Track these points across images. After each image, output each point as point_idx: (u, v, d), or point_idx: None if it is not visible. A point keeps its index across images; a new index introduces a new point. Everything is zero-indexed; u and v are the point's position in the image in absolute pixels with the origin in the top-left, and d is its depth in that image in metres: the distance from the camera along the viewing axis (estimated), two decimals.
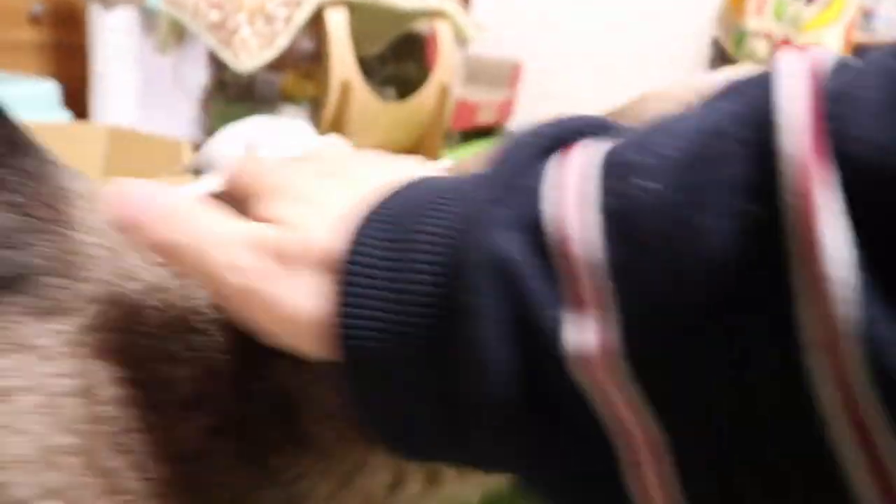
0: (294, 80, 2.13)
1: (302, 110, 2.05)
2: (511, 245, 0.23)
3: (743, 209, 0.20)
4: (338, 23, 1.86)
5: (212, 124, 2.05)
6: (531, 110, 3.66)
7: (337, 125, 1.94)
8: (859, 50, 2.28)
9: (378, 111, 2.01)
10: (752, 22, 2.76)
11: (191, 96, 2.14)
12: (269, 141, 1.44)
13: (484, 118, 3.19)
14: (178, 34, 2.04)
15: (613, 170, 0.23)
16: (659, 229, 0.21)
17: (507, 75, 3.51)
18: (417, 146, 2.29)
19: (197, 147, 1.67)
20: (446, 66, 2.22)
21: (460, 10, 2.27)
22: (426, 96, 2.18)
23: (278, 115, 2.04)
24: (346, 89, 1.87)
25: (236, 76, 2.12)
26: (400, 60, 2.53)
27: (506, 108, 3.46)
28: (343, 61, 1.86)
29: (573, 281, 0.22)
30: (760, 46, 2.73)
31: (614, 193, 0.22)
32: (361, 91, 1.90)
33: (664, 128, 0.24)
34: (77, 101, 2.11)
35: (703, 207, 0.20)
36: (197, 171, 1.50)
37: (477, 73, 3.56)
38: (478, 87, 3.48)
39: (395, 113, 2.09)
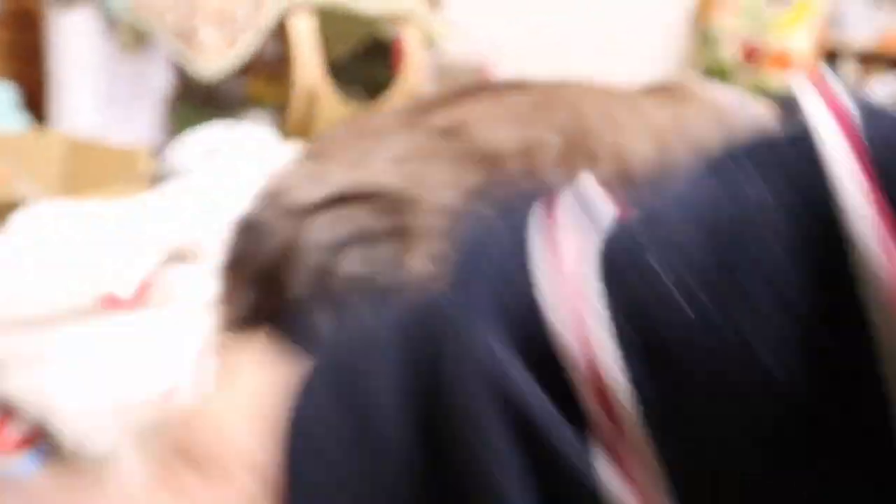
0: (259, 84, 2.10)
1: (267, 115, 2.01)
2: (514, 372, 0.19)
3: (807, 335, 0.16)
4: (303, 28, 1.83)
5: (175, 129, 2.01)
6: None
7: (302, 130, 1.90)
8: (829, 52, 2.29)
9: (345, 116, 1.98)
10: (722, 23, 2.77)
11: (153, 101, 2.09)
12: (231, 148, 1.40)
13: None
14: (140, 37, 1.99)
15: (627, 272, 0.19)
16: (703, 361, 0.17)
17: (476, 77, 3.49)
18: None
19: (157, 153, 1.63)
20: (414, 70, 2.20)
21: (428, 13, 2.25)
22: (394, 100, 2.15)
23: (243, 120, 2.01)
24: (311, 95, 1.84)
25: (199, 81, 2.09)
26: (369, 62, 2.50)
27: None
28: (308, 67, 1.83)
29: (600, 419, 0.18)
30: (729, 48, 2.74)
31: (636, 309, 0.18)
32: (327, 96, 1.87)
33: (672, 207, 0.19)
34: (36, 104, 2.06)
35: (761, 335, 0.16)
36: (156, 179, 1.46)
37: (446, 75, 3.55)
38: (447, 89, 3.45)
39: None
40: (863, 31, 2.91)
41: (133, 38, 1.96)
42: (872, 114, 0.19)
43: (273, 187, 0.51)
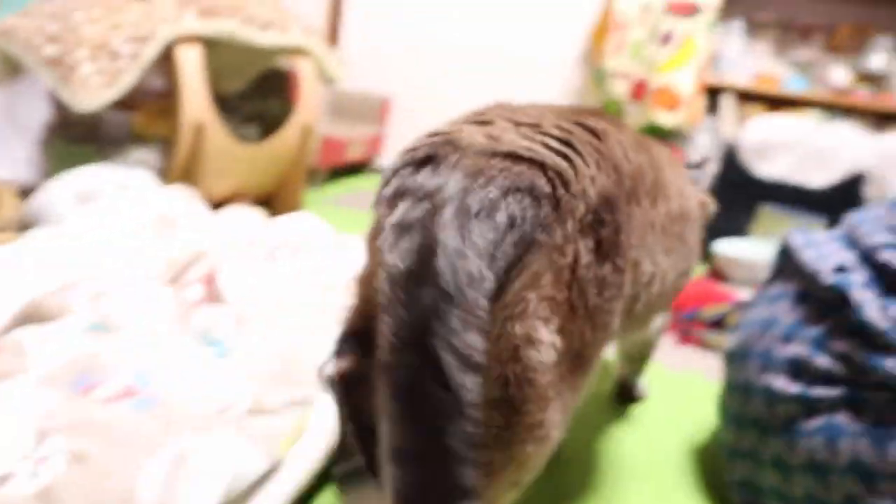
0: (145, 119, 2.01)
1: (153, 152, 1.92)
2: None
3: None
4: (190, 60, 1.76)
5: (51, 167, 1.89)
6: (401, 145, 3.60)
7: (190, 168, 1.82)
8: (712, 89, 2.39)
9: (235, 153, 1.92)
10: (611, 62, 2.87)
11: (27, 136, 1.96)
12: (107, 191, 1.33)
13: (353, 154, 3.14)
14: (11, 68, 1.87)
15: None
16: None
17: (375, 110, 3.48)
18: (279, 186, 2.20)
19: (28, 193, 1.52)
20: (309, 104, 2.16)
21: (324, 47, 2.22)
22: (288, 135, 2.10)
23: (128, 156, 1.91)
24: (198, 130, 1.77)
25: (81, 115, 1.98)
26: (263, 97, 2.44)
27: (375, 144, 3.42)
28: (195, 101, 1.76)
29: None
30: (619, 85, 2.84)
31: None
32: (216, 132, 1.80)
33: None
34: None
35: None
36: (25, 226, 1.36)
37: (345, 108, 3.52)
38: (346, 123, 3.44)
39: (255, 154, 2.00)
40: (740, 71, 3.08)
41: (3, 68, 1.85)
42: None
43: (450, 137, 0.66)
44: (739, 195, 2.46)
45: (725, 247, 2.19)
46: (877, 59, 3.05)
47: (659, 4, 2.80)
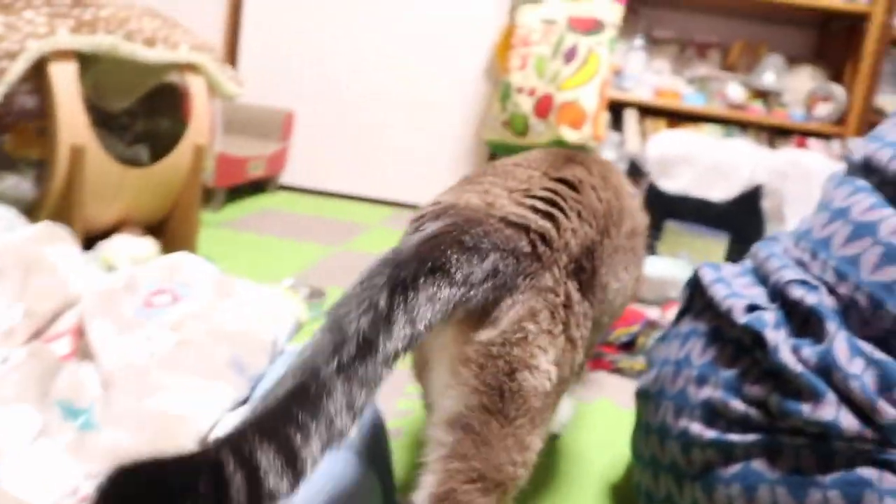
0: (17, 141, 1.83)
1: (26, 178, 1.76)
2: None
3: None
4: (64, 77, 1.61)
5: None
6: (304, 161, 3.52)
7: (68, 195, 1.67)
8: (615, 104, 2.42)
9: (120, 176, 1.77)
10: (516, 78, 2.85)
11: None
12: None
13: (254, 172, 2.99)
14: None
15: None
16: None
17: (278, 125, 3.33)
18: (172, 211, 2.05)
19: None
20: (201, 123, 2.03)
21: (217, 63, 2.10)
22: (180, 156, 1.96)
23: (2, 181, 1.74)
24: (76, 154, 1.62)
25: None
26: (153, 116, 2.29)
27: (278, 160, 3.28)
28: (72, 122, 1.61)
29: None
30: (524, 101, 2.82)
31: None
32: (96, 155, 1.65)
33: None
34: None
35: None
36: None
37: (246, 124, 3.37)
38: (247, 140, 3.28)
39: (142, 177, 1.86)
40: (642, 86, 3.14)
41: None
42: None
43: (451, 202, 0.77)
44: (646, 211, 2.48)
45: None
46: (768, 77, 3.16)
47: (562, 20, 2.80)
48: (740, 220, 2.51)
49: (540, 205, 0.77)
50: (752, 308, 0.87)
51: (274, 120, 3.40)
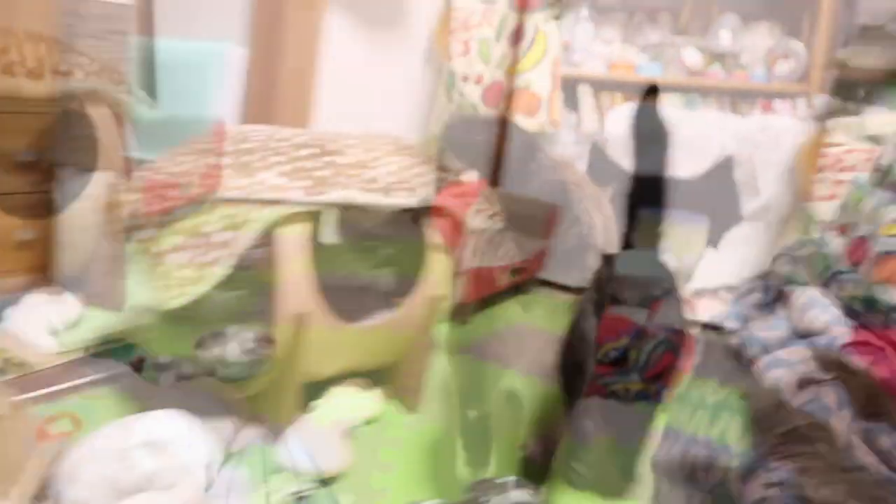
0: None
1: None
2: None
3: None
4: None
5: None
6: (240, 174, 3.25)
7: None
8: (568, 80, 2.23)
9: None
10: (460, 65, 2.64)
11: None
12: None
13: (186, 193, 2.71)
14: None
15: None
16: None
17: (211, 137, 3.04)
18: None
19: None
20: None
21: (124, 83, 1.85)
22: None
23: None
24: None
25: None
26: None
27: (212, 178, 2.98)
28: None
29: None
30: (471, 90, 2.62)
31: None
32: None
33: None
34: None
35: None
36: None
37: (172, 140, 3.08)
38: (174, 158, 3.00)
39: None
40: (593, 60, 2.96)
41: None
42: None
43: None
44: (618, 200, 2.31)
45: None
46: (724, 37, 3.01)
47: None
48: (713, 197, 2.36)
49: None
50: None
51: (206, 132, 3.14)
